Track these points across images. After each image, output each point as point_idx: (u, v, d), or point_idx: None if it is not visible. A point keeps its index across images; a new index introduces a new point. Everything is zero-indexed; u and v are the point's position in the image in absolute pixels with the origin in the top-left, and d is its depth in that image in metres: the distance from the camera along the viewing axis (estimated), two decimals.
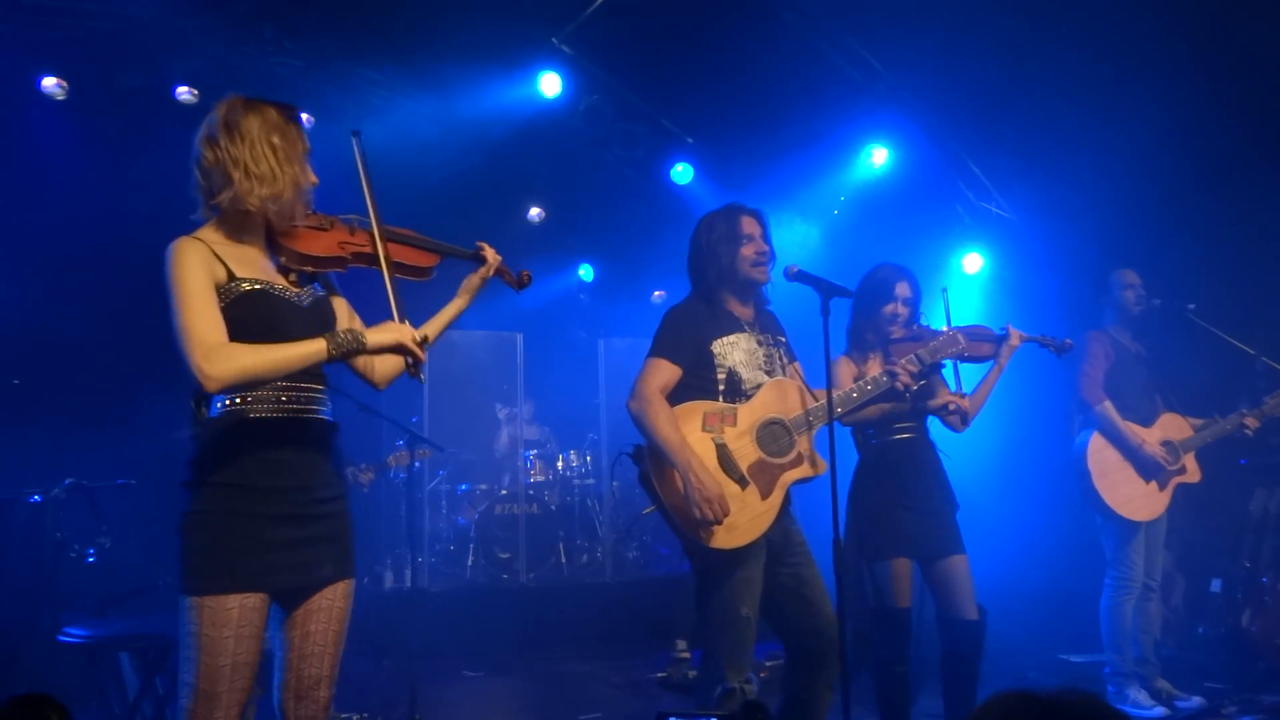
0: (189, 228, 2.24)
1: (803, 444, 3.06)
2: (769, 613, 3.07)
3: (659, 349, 3.07)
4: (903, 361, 3.22)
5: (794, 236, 7.49)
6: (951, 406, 3.53)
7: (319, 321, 2.28)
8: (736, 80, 6.62)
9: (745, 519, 2.95)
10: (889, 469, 3.57)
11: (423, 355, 2.22)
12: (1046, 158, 6.24)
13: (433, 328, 2.48)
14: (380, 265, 2.29)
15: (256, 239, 2.28)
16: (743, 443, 3.01)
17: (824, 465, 3.05)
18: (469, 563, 7.12)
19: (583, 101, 7.11)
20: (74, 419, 4.76)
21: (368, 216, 2.33)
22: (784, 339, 3.26)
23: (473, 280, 2.54)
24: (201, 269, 2.12)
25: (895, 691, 3.49)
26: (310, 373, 2.24)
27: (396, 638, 5.64)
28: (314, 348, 2.12)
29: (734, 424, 3.01)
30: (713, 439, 2.99)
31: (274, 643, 2.28)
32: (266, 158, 2.19)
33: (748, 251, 3.12)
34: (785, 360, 3.20)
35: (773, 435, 3.03)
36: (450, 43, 6.49)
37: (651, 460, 3.01)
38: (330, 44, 6.55)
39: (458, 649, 6.04)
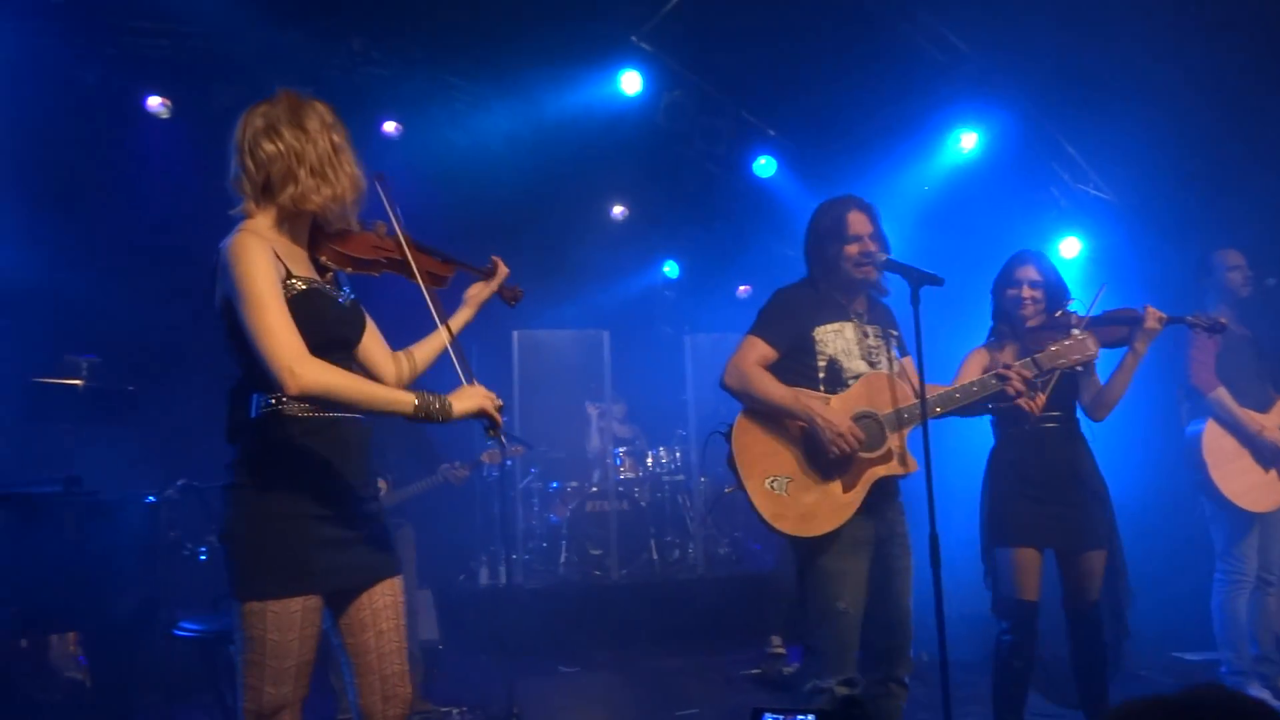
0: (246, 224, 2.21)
1: (894, 441, 2.99)
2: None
3: (757, 327, 3.07)
4: (1017, 365, 3.10)
5: (882, 225, 7.35)
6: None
7: (357, 322, 2.31)
8: (818, 70, 6.53)
9: (825, 509, 2.93)
10: (1020, 457, 3.48)
11: (500, 420, 2.22)
12: (1146, 135, 5.99)
13: (438, 341, 2.49)
14: (413, 274, 2.30)
15: (303, 236, 2.26)
16: None
17: (914, 464, 3.00)
18: (561, 559, 7.20)
19: (663, 98, 7.12)
20: (185, 422, 4.96)
21: (393, 223, 2.33)
22: (896, 333, 3.18)
23: (480, 293, 2.56)
24: (271, 267, 2.08)
25: (1009, 686, 3.41)
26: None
27: (492, 633, 5.74)
28: (402, 399, 2.11)
29: None
30: (800, 425, 2.96)
31: (336, 645, 2.28)
32: (330, 156, 2.18)
33: (852, 250, 3.05)
34: (895, 354, 3.13)
35: (864, 429, 2.98)
36: (531, 45, 6.57)
37: (739, 439, 3.00)
38: (416, 53, 6.70)
39: (552, 645, 6.11)
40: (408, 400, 2.11)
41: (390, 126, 6.74)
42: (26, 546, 3.23)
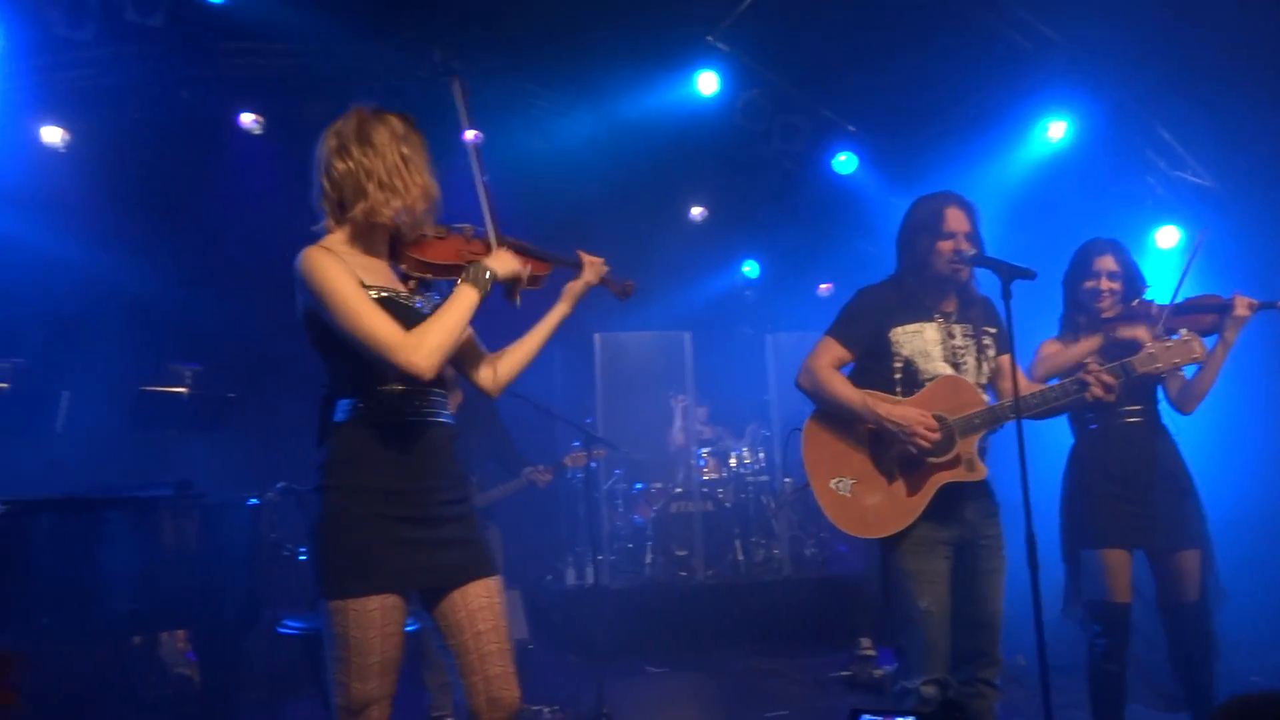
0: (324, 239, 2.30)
1: (964, 446, 2.92)
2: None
3: (833, 328, 3.05)
4: (1099, 371, 2.96)
5: (980, 226, 7.18)
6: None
7: None
8: (897, 63, 6.42)
9: (889, 512, 2.91)
10: (1105, 456, 3.38)
11: (524, 286, 2.33)
12: (1248, 117, 5.73)
13: (540, 333, 2.50)
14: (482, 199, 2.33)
15: (381, 247, 2.32)
16: None
17: (983, 471, 2.93)
18: (647, 560, 7.21)
19: (740, 97, 7.09)
20: (283, 427, 5.13)
21: (484, 226, 2.36)
22: (994, 330, 3.07)
23: (574, 286, 2.51)
24: (347, 274, 2.16)
25: (1107, 690, 3.33)
26: (440, 378, 2.26)
27: (580, 633, 5.79)
28: (469, 295, 2.21)
29: None
30: (868, 427, 2.94)
31: (438, 649, 2.31)
32: (399, 169, 2.23)
33: (945, 247, 2.96)
34: (989, 353, 3.04)
35: None
36: (608, 50, 6.61)
37: (808, 439, 3.00)
38: (495, 62, 6.81)
39: (640, 645, 6.13)
40: (473, 293, 2.23)
41: (470, 135, 6.84)
42: (139, 548, 3.37)
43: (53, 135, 6.14)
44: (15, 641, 3.13)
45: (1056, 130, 6.69)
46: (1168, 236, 6.60)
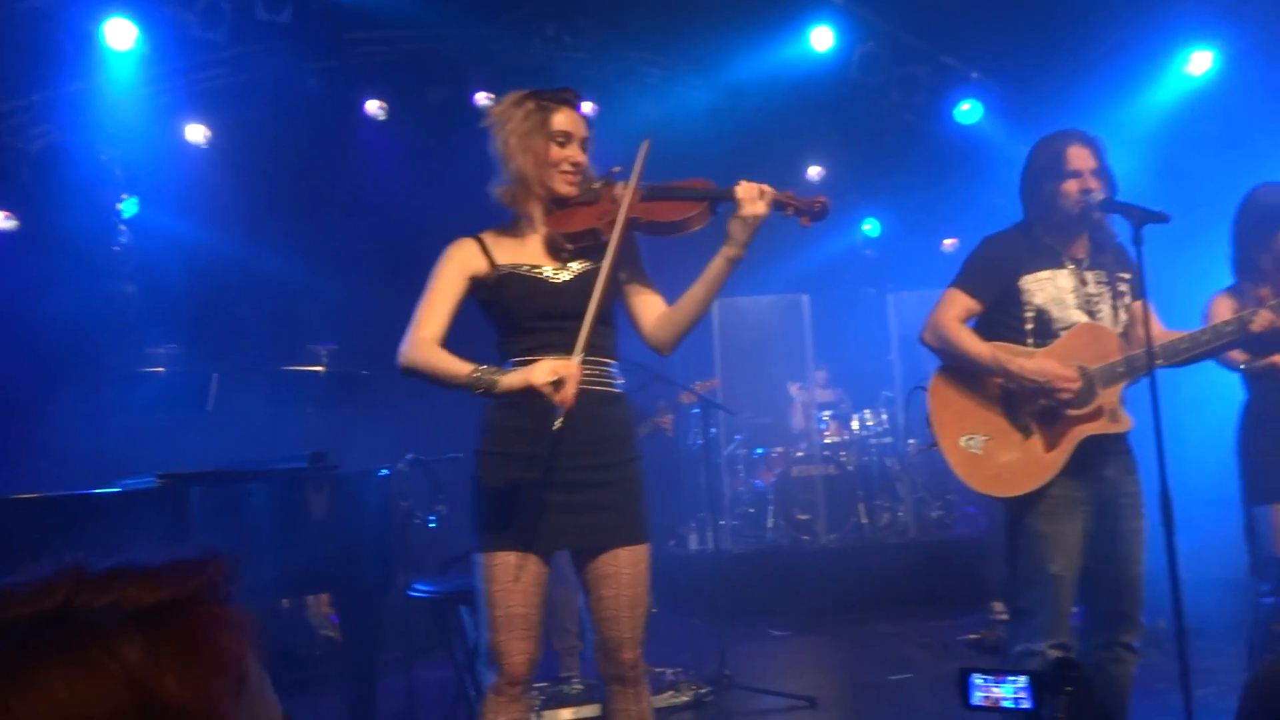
0: (498, 225, 2.47)
1: (1107, 396, 2.78)
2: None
3: (959, 279, 2.93)
4: (1265, 311, 2.78)
5: (1108, 161, 6.80)
6: None
7: (580, 296, 2.33)
8: (1022, 1, 6.12)
9: (1024, 469, 2.79)
10: (1271, 406, 3.23)
11: (558, 397, 2.14)
12: None
13: (705, 282, 2.37)
14: (616, 234, 2.31)
15: (532, 226, 2.42)
16: None
17: (1128, 422, 2.79)
18: (769, 524, 7.22)
19: (856, 50, 6.90)
20: (411, 400, 5.37)
21: (629, 173, 2.38)
22: (1128, 275, 2.91)
23: (733, 225, 2.31)
24: (454, 265, 2.37)
25: (1261, 651, 3.20)
26: (593, 346, 2.32)
27: (703, 597, 5.85)
28: (460, 373, 2.24)
29: None
30: (999, 381, 2.83)
31: (581, 602, 2.46)
32: (503, 154, 2.36)
33: (1070, 187, 2.80)
34: (1125, 300, 2.89)
35: None
36: (718, 13, 6.54)
37: (935, 396, 2.92)
38: (608, 33, 6.84)
39: (762, 609, 6.17)
40: (461, 372, 2.24)
41: (587, 107, 6.93)
42: (280, 517, 3.58)
43: (196, 133, 6.54)
44: None
45: (1201, 62, 6.24)
46: None
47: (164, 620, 0.67)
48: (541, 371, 2.17)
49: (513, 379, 2.22)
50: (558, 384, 2.15)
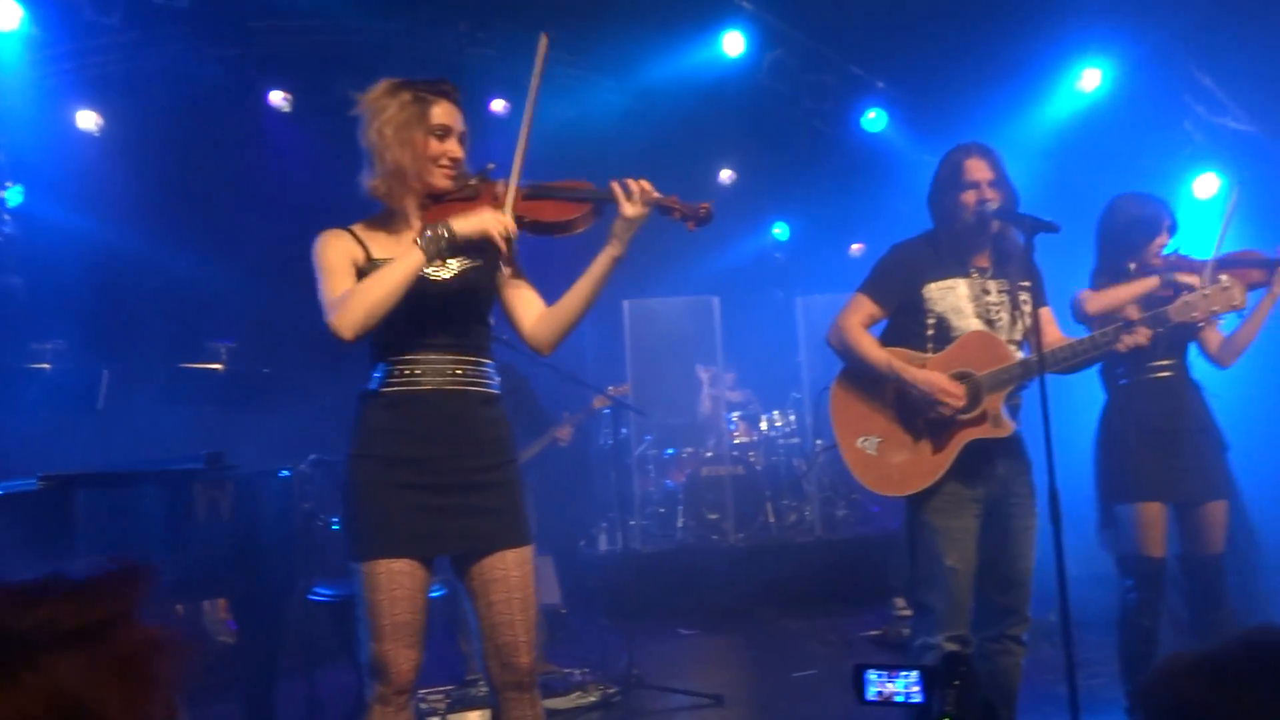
0: (367, 217, 2.38)
1: (991, 402, 2.90)
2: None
3: (866, 285, 3.03)
4: (1139, 328, 2.90)
5: (1007, 172, 7.05)
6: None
7: (462, 294, 2.31)
8: (927, 15, 6.29)
9: (915, 470, 2.90)
10: (1137, 410, 3.37)
11: (504, 247, 2.19)
12: None
13: (587, 282, 2.35)
14: (519, 145, 2.29)
15: (406, 220, 2.34)
16: None
17: (1009, 427, 2.91)
18: (679, 524, 7.28)
19: (766, 57, 7.02)
20: (314, 399, 5.25)
21: (506, 170, 2.31)
22: (1029, 284, 3.01)
23: (617, 225, 2.31)
24: (338, 249, 2.26)
25: (1137, 645, 3.33)
26: (470, 345, 2.31)
27: (612, 597, 5.87)
28: (409, 256, 2.16)
29: None
30: (894, 386, 2.93)
31: (466, 609, 2.36)
32: (377, 145, 2.25)
33: (968, 198, 2.92)
34: (1026, 308, 2.98)
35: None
36: (632, 14, 6.56)
37: (836, 398, 3.02)
38: (519, 30, 6.79)
39: (671, 608, 6.21)
40: (413, 252, 2.17)
41: (499, 105, 6.87)
42: (174, 520, 3.47)
43: (87, 120, 6.26)
44: None
45: (1091, 79, 6.53)
46: (1206, 185, 6.41)
47: (98, 639, 0.64)
48: (494, 222, 2.19)
49: (465, 226, 2.18)
50: (508, 238, 2.19)
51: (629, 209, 2.28)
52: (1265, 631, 0.94)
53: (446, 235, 2.18)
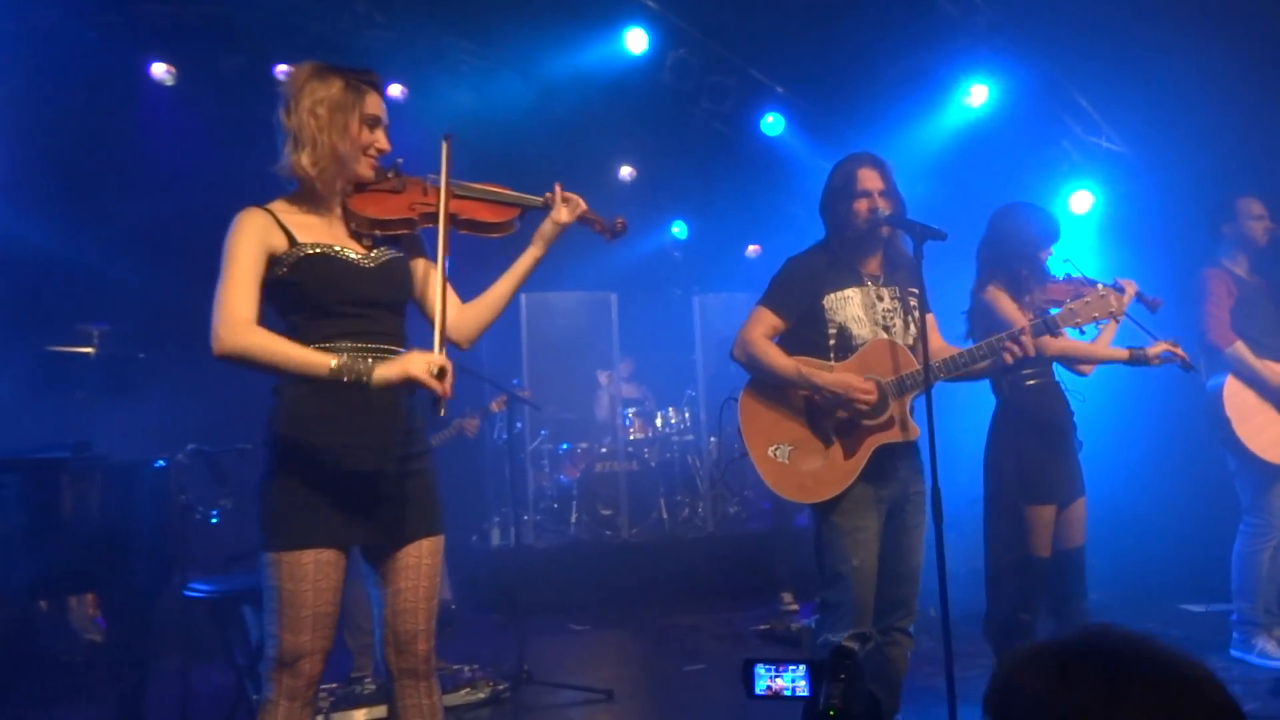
0: (285, 195, 2.32)
1: (897, 407, 2.99)
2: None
3: (765, 298, 3.08)
4: (1024, 339, 3.01)
5: (896, 182, 7.27)
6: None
7: (385, 283, 2.33)
8: (826, 25, 6.42)
9: (827, 476, 2.98)
10: (1030, 416, 3.53)
11: (439, 388, 2.09)
12: (1161, 85, 5.87)
13: (508, 281, 2.48)
14: (439, 225, 2.28)
15: (328, 205, 2.33)
16: None
17: (916, 431, 3.01)
18: (572, 520, 7.27)
19: (669, 56, 7.04)
20: (194, 387, 5.03)
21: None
22: (917, 290, 3.10)
23: (544, 229, 2.49)
24: (253, 240, 2.20)
25: (1014, 637, 3.50)
26: (387, 334, 2.30)
27: (504, 593, 5.81)
28: (318, 362, 2.13)
29: None
30: (804, 394, 3.00)
31: (372, 596, 2.36)
32: (309, 126, 2.23)
33: (861, 206, 3.00)
34: (916, 314, 3.08)
35: None
36: (535, 5, 6.50)
37: (745, 409, 3.06)
38: (420, 15, 6.65)
39: (563, 604, 6.20)
40: (323, 363, 2.13)
41: (396, 90, 6.70)
42: (37, 511, 3.28)
43: None
44: None
45: (978, 95, 6.78)
46: (1081, 201, 6.76)
47: None
48: (418, 364, 2.11)
49: (388, 371, 2.12)
50: (440, 374, 2.11)
51: (564, 215, 2.47)
52: (1104, 629, 1.03)
53: (363, 377, 2.12)
